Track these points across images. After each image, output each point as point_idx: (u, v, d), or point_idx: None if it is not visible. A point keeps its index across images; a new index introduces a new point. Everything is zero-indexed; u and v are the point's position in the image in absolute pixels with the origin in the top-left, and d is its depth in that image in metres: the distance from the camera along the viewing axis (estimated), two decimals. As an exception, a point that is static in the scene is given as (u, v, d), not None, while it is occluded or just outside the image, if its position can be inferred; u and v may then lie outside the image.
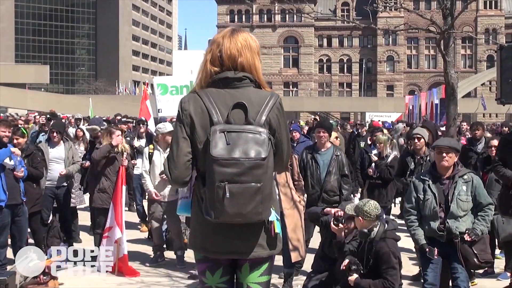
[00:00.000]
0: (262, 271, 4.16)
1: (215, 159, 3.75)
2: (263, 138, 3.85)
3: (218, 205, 3.76)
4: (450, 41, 10.78)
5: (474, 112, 54.83)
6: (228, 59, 4.02)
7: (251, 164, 3.77)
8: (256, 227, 3.99)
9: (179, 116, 4.01)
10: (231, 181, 3.74)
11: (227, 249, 4.00)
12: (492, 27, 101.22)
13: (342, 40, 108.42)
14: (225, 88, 4.01)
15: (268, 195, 3.88)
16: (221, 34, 4.12)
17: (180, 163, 3.95)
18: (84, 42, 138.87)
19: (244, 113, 3.93)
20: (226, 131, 3.83)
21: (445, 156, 7.07)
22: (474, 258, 6.88)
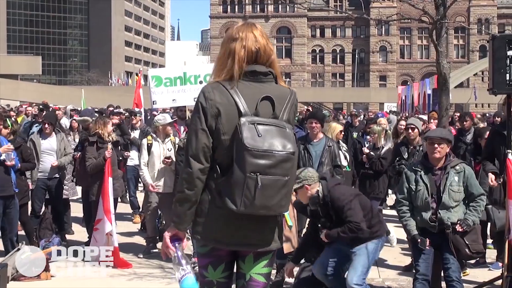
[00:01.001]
0: (266, 262, 4.18)
1: (249, 149, 3.77)
2: (290, 133, 3.93)
3: (248, 195, 3.79)
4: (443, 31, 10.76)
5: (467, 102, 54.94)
6: (264, 53, 4.07)
7: (282, 157, 3.82)
8: (271, 220, 4.05)
9: (199, 106, 3.99)
10: (263, 172, 3.79)
11: (241, 241, 4.02)
12: (485, 17, 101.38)
13: (335, 31, 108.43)
14: (250, 81, 4.03)
15: (291, 189, 3.97)
16: (245, 29, 4.12)
17: (199, 155, 3.94)
18: (76, 33, 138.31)
19: (272, 107, 3.99)
20: (256, 123, 3.87)
21: (437, 147, 7.08)
22: (466, 248, 6.89)
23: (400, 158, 10.08)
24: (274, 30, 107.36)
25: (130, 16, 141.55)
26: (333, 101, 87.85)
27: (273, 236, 4.09)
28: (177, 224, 4.06)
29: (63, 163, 11.27)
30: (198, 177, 3.95)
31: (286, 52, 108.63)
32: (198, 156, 3.94)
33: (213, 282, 4.15)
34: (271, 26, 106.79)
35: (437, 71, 10.90)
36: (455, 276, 6.84)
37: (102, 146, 10.35)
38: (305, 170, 7.42)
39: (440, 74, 10.71)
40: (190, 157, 3.96)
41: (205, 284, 4.17)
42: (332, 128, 11.43)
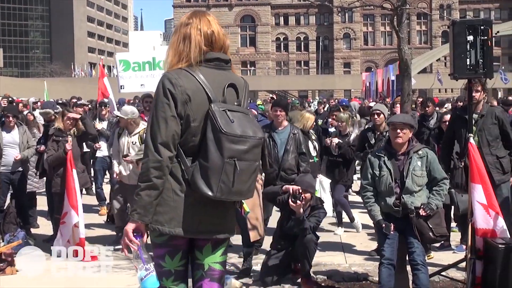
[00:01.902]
0: (222, 250, 4.20)
1: (227, 134, 3.79)
2: (254, 119, 4.03)
3: (226, 180, 3.80)
4: (403, 17, 10.80)
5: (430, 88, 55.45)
6: (218, 41, 4.09)
7: (255, 142, 3.89)
8: (229, 206, 4.07)
9: (167, 92, 3.92)
10: (239, 158, 3.82)
11: (205, 229, 4.01)
12: (446, 3, 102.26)
13: (299, 18, 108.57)
14: (213, 68, 4.05)
15: (257, 174, 4.02)
16: (203, 15, 4.14)
17: (169, 142, 3.90)
18: (38, 24, 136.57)
19: (236, 94, 4.05)
20: (227, 109, 3.89)
21: (399, 133, 7.15)
22: (429, 232, 6.97)
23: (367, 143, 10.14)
24: (238, 18, 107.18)
25: (92, 7, 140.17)
26: (298, 88, 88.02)
27: (232, 223, 4.15)
28: (141, 216, 3.93)
29: (26, 156, 11.15)
30: (168, 165, 3.92)
31: (250, 41, 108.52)
32: (168, 144, 3.90)
33: (171, 272, 4.11)
34: (235, 15, 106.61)
35: (399, 57, 10.94)
36: (420, 260, 6.91)
37: (60, 139, 10.25)
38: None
39: (401, 60, 10.76)
40: (160, 144, 3.89)
41: (163, 274, 4.12)
42: (306, 118, 11.45)
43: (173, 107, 3.91)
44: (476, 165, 7.31)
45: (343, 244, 10.34)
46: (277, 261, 8.09)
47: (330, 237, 10.74)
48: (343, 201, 11.12)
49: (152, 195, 3.91)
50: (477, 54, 7.27)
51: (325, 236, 10.34)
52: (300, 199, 7.83)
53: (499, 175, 8.72)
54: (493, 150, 8.72)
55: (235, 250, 9.55)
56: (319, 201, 8.42)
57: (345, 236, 10.88)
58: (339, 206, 11.14)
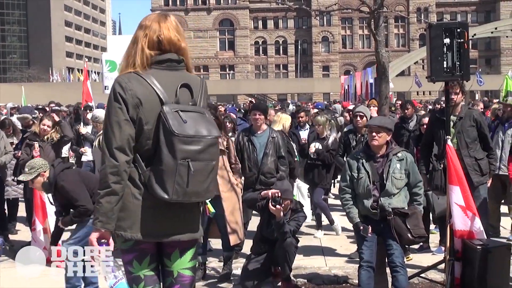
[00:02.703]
0: (191, 255, 4.15)
1: (178, 136, 3.75)
2: (210, 118, 3.96)
3: (180, 182, 3.77)
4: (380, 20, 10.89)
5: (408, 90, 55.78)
6: (168, 44, 4.04)
7: (209, 142, 3.84)
8: (193, 208, 4.02)
9: (118, 97, 3.90)
10: (193, 158, 3.78)
11: (168, 232, 3.97)
12: (424, 6, 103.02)
13: (277, 22, 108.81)
14: (165, 69, 4.02)
15: (216, 173, 3.99)
16: (155, 19, 4.11)
17: (124, 146, 3.87)
18: (15, 29, 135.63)
19: (190, 93, 4.01)
20: (180, 110, 3.86)
21: (375, 136, 7.18)
22: (408, 233, 6.99)
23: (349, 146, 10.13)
24: (216, 22, 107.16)
25: (70, 11, 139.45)
26: (277, 92, 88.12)
27: (198, 224, 4.09)
28: (103, 224, 3.87)
29: (4, 162, 11.03)
30: (125, 169, 3.89)
31: (229, 44, 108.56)
32: (124, 148, 3.88)
33: (140, 277, 4.07)
34: (214, 19, 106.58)
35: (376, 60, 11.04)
36: (399, 262, 6.93)
37: (33, 144, 10.20)
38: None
39: (379, 63, 10.85)
40: (116, 149, 3.86)
41: (132, 281, 4.09)
42: (284, 119, 11.48)
43: (125, 111, 3.89)
44: (454, 167, 7.35)
45: (323, 247, 10.34)
46: (258, 265, 8.07)
47: (310, 240, 10.75)
48: (323, 204, 11.13)
49: (112, 201, 3.86)
50: (454, 57, 7.31)
51: (305, 239, 10.34)
52: (280, 203, 7.83)
53: (477, 176, 8.78)
54: (471, 152, 8.78)
55: (215, 254, 9.53)
56: (298, 204, 8.42)
57: (325, 239, 10.89)
58: (318, 209, 11.15)
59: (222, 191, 8.39)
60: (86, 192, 7.42)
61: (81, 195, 7.40)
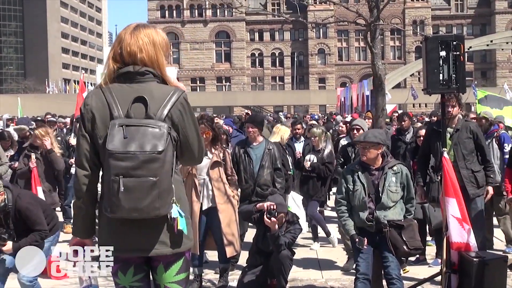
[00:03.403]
0: (177, 269, 4.08)
1: (111, 152, 3.71)
2: (162, 132, 3.80)
3: (114, 199, 3.71)
4: (377, 33, 10.91)
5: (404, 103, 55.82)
6: (128, 55, 3.98)
7: (145, 157, 3.71)
8: (158, 223, 3.91)
9: (80, 112, 4.00)
10: (126, 175, 3.69)
11: (129, 246, 3.93)
12: (420, 19, 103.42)
13: (274, 34, 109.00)
14: (127, 83, 3.97)
15: (166, 190, 3.80)
16: (125, 30, 4.08)
17: (80, 160, 3.95)
18: (11, 40, 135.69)
19: (145, 107, 3.88)
20: (125, 125, 3.78)
21: (363, 151, 7.21)
22: (404, 245, 6.99)
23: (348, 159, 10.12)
24: (213, 34, 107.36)
25: (66, 23, 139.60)
26: (274, 104, 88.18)
27: (163, 241, 3.96)
28: (74, 232, 4.13)
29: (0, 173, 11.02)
30: (84, 183, 3.94)
31: (225, 56, 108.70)
32: (82, 163, 3.95)
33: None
34: (210, 31, 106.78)
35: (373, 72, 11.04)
36: (395, 274, 6.92)
37: (31, 155, 10.19)
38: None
39: (375, 76, 10.86)
40: (76, 164, 3.98)
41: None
42: (283, 131, 11.49)
43: (82, 126, 3.97)
44: (450, 179, 7.35)
45: (319, 259, 10.33)
46: (253, 277, 8.06)
47: (306, 252, 10.73)
48: (318, 216, 11.12)
49: (78, 213, 4.05)
50: (450, 69, 7.33)
51: (301, 251, 10.34)
52: (275, 215, 7.83)
53: (473, 189, 8.79)
54: (468, 164, 8.79)
55: (211, 266, 9.50)
56: (295, 217, 8.42)
57: (321, 251, 10.88)
58: (314, 221, 11.14)
59: (218, 203, 8.40)
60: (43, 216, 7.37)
61: (42, 219, 7.33)
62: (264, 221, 7.90)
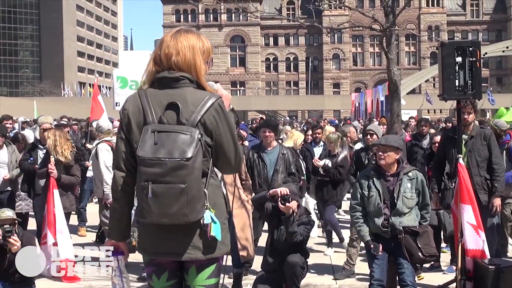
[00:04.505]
0: (208, 273, 4.11)
1: (141, 159, 3.76)
2: (192, 138, 3.80)
3: (144, 204, 3.77)
4: (392, 38, 10.91)
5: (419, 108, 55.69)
6: (165, 57, 3.99)
7: (173, 164, 3.73)
8: (191, 228, 3.93)
9: (120, 115, 4.07)
10: (155, 181, 3.73)
11: (163, 250, 3.97)
12: (435, 24, 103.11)
13: (288, 39, 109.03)
14: (163, 88, 3.98)
15: (196, 196, 3.80)
16: (166, 34, 4.11)
17: (118, 162, 4.00)
18: (27, 44, 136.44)
19: (176, 113, 3.89)
20: (157, 131, 3.81)
21: (382, 155, 7.17)
22: (419, 252, 6.96)
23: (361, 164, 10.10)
24: (227, 39, 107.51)
25: (82, 26, 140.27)
26: (288, 109, 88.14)
27: (197, 246, 3.96)
28: (109, 234, 4.14)
29: (15, 176, 11.09)
30: (121, 184, 3.99)
31: (240, 61, 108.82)
32: (119, 165, 4.00)
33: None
34: (225, 35, 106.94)
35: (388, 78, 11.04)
36: (410, 281, 6.90)
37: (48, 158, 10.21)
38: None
39: (391, 81, 10.85)
40: (113, 165, 4.04)
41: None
42: (296, 136, 11.50)
43: (121, 129, 4.03)
44: (466, 186, 7.33)
45: (333, 265, 10.30)
46: (267, 282, 8.05)
47: (320, 258, 10.71)
48: (334, 221, 11.10)
49: (114, 215, 4.08)
50: (466, 75, 7.32)
51: (315, 256, 10.31)
52: (289, 200, 7.82)
53: (486, 196, 8.72)
54: (481, 171, 8.72)
55: (225, 271, 9.47)
56: (307, 211, 8.44)
57: (335, 257, 10.84)
58: (329, 226, 11.12)
59: (232, 208, 8.39)
60: None
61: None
62: (277, 213, 7.91)
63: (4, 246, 7.46)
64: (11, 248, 7.58)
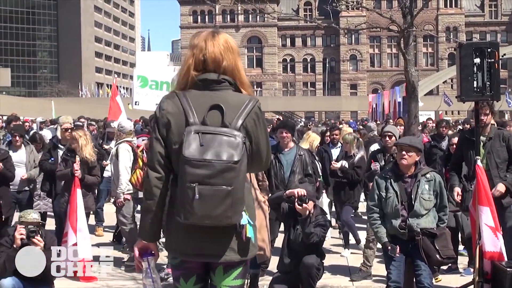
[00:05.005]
0: (236, 274, 4.12)
1: (187, 159, 3.74)
2: (238, 142, 3.82)
3: (187, 206, 3.75)
4: (410, 39, 10.85)
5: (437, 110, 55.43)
6: (212, 63, 4.02)
7: (222, 166, 3.75)
8: (228, 230, 3.95)
9: (155, 116, 4.04)
10: (202, 182, 3.73)
11: (199, 252, 3.97)
12: (453, 25, 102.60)
13: (305, 40, 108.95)
14: (204, 90, 4.00)
15: (240, 199, 3.84)
16: (202, 37, 4.11)
17: (153, 163, 3.97)
18: (45, 44, 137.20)
19: (221, 115, 3.91)
20: (201, 132, 3.82)
21: (404, 154, 7.13)
22: (436, 254, 6.93)
23: None
24: (244, 40, 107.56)
25: (100, 27, 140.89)
26: (305, 110, 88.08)
27: (232, 248, 4.00)
28: (141, 236, 4.06)
29: (33, 176, 11.16)
30: (156, 185, 3.95)
31: (257, 62, 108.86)
32: (154, 165, 3.96)
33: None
34: (242, 36, 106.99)
35: (406, 79, 10.98)
36: (427, 283, 6.87)
37: (68, 159, 10.25)
38: None
39: (408, 82, 10.80)
40: (148, 166, 4.01)
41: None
42: (312, 138, 11.49)
43: (157, 130, 3.99)
44: (484, 188, 7.29)
45: (350, 267, 10.28)
46: (284, 283, 8.05)
47: (337, 259, 10.69)
48: (351, 223, 11.09)
49: (146, 216, 4.01)
50: (484, 77, 7.28)
51: (331, 258, 10.29)
52: (306, 201, 7.82)
53: (506, 197, 8.67)
54: (501, 173, 8.64)
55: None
56: (323, 211, 8.43)
57: (352, 258, 10.82)
58: (346, 227, 11.11)
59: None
60: None
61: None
62: (293, 212, 7.90)
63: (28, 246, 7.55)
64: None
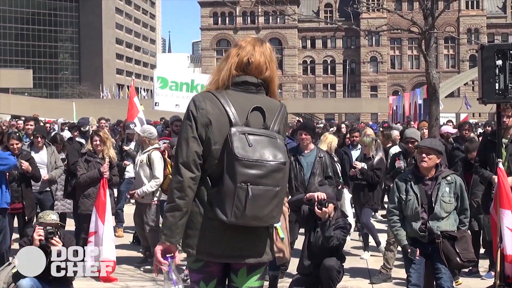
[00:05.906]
0: (259, 275, 4.14)
1: (239, 159, 3.76)
2: (280, 143, 3.92)
3: (239, 205, 3.76)
4: (431, 41, 10.81)
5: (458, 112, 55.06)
6: (256, 68, 4.09)
7: (273, 167, 3.80)
8: (262, 231, 4.01)
9: (190, 115, 3.98)
10: (253, 182, 3.76)
11: (233, 253, 3.98)
12: (474, 27, 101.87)
13: (326, 41, 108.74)
14: (242, 91, 4.05)
15: (282, 199, 3.92)
16: (251, 42, 4.18)
17: (189, 163, 3.92)
18: (67, 46, 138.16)
19: (262, 117, 3.98)
20: (247, 133, 3.86)
21: (425, 157, 7.09)
22: (457, 257, 6.89)
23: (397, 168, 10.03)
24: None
25: (121, 29, 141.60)
26: (325, 111, 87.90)
27: (264, 248, 4.05)
28: (167, 237, 3.96)
29: (54, 177, 11.23)
30: (189, 186, 3.92)
31: (277, 63, 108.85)
32: (189, 164, 3.92)
33: None
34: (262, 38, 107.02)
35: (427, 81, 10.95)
36: (447, 286, 6.84)
37: (91, 160, 10.33)
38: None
39: (429, 84, 10.76)
40: (181, 164, 3.93)
41: None
42: (330, 139, 11.48)
43: (194, 129, 3.95)
44: (505, 190, 7.23)
45: (369, 269, 10.25)
46: (303, 285, 8.04)
47: (357, 262, 10.66)
48: (370, 225, 11.07)
49: (176, 216, 3.93)
50: (506, 79, 7.22)
51: (351, 260, 10.26)
52: (326, 205, 7.80)
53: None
54: (524, 176, 8.58)
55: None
56: (343, 214, 8.40)
57: (371, 261, 10.79)
58: (365, 229, 11.07)
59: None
60: None
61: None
62: (314, 215, 7.89)
63: (46, 246, 7.59)
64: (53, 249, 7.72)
